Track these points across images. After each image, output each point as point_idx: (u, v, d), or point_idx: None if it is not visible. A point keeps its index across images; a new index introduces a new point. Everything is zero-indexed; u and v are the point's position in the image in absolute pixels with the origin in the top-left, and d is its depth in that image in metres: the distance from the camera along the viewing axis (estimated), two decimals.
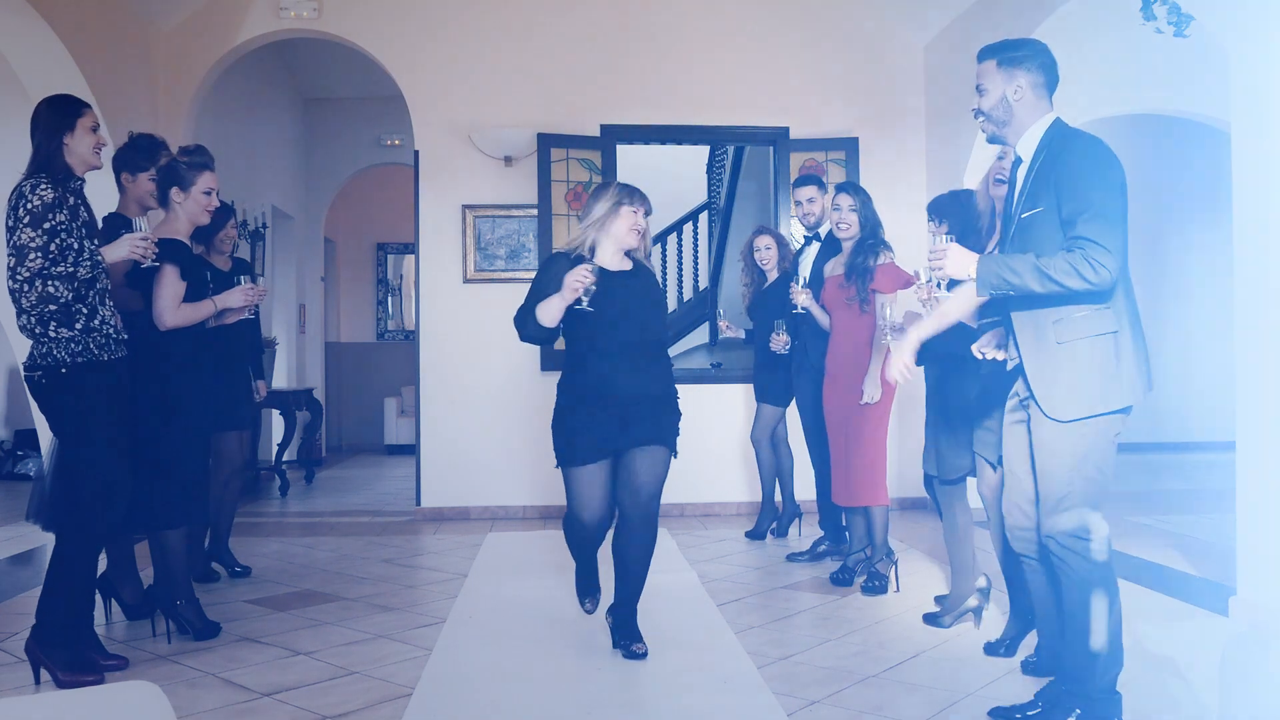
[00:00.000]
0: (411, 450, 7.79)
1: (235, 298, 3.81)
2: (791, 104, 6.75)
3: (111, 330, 3.30)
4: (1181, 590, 4.30)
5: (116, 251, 3.32)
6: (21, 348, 3.44)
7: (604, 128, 6.60)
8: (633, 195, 3.47)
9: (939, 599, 4.02)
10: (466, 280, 6.54)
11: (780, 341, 5.04)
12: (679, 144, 7.35)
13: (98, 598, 3.68)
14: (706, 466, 6.58)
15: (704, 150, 9.64)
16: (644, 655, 3.41)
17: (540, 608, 4.11)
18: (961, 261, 2.68)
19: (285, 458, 8.05)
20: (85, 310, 3.22)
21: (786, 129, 6.72)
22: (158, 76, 6.39)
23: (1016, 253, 2.69)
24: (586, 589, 3.68)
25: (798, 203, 5.05)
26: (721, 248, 9.36)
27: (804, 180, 5.11)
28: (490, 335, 6.37)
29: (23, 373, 3.34)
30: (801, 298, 4.65)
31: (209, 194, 3.70)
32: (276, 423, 8.46)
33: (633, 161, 7.39)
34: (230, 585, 4.58)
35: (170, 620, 3.67)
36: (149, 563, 3.88)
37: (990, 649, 3.44)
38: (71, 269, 3.14)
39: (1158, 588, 4.37)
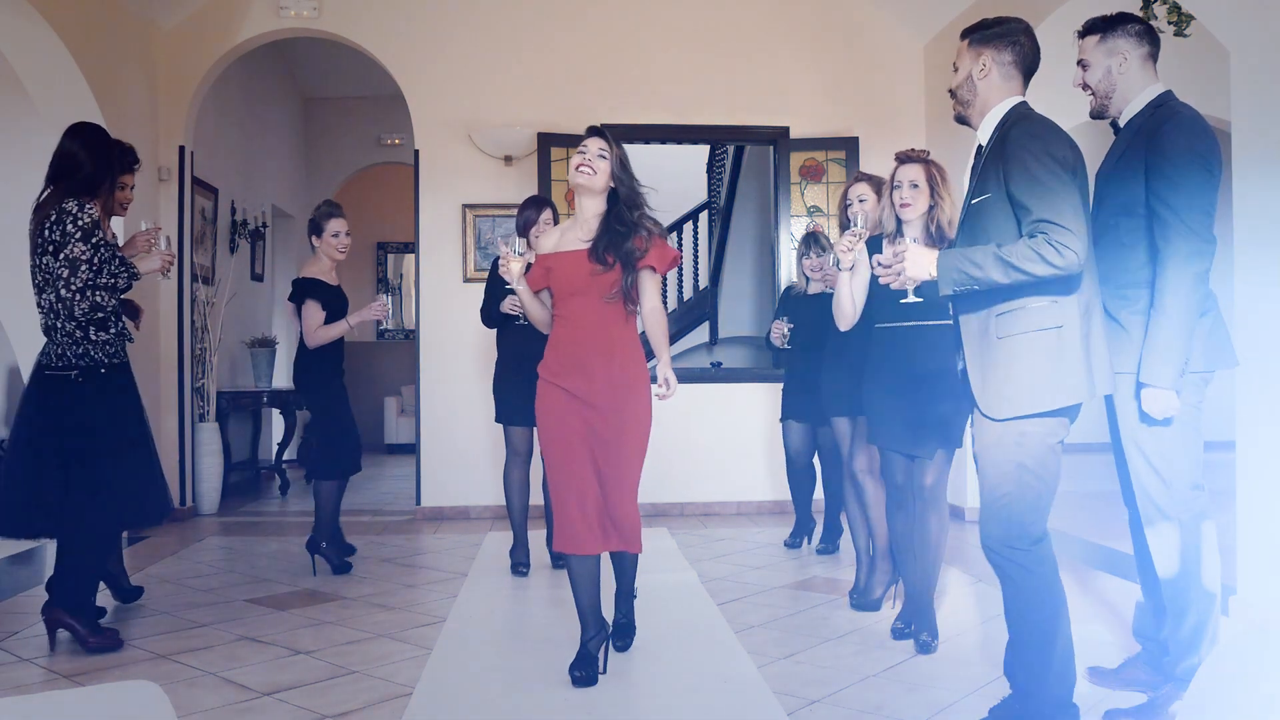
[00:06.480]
0: (411, 450, 7.80)
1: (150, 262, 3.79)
2: (791, 104, 6.75)
3: (127, 336, 3.67)
4: None
5: (150, 264, 3.69)
6: (23, 348, 3.46)
7: (604, 127, 6.59)
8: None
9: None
10: (466, 280, 6.54)
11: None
12: (679, 144, 7.34)
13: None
14: (706, 466, 6.59)
15: (704, 150, 9.64)
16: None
17: (540, 607, 4.12)
18: (921, 261, 2.52)
19: (285, 457, 8.05)
20: (115, 317, 3.61)
21: (786, 129, 6.73)
22: (158, 76, 6.39)
23: (966, 241, 2.54)
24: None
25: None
26: (722, 247, 9.36)
27: None
28: (490, 335, 6.35)
29: (44, 372, 3.47)
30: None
31: (336, 236, 5.01)
32: (277, 422, 8.47)
33: (633, 161, 7.36)
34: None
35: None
36: (150, 562, 3.86)
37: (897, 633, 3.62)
38: (112, 280, 3.52)
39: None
